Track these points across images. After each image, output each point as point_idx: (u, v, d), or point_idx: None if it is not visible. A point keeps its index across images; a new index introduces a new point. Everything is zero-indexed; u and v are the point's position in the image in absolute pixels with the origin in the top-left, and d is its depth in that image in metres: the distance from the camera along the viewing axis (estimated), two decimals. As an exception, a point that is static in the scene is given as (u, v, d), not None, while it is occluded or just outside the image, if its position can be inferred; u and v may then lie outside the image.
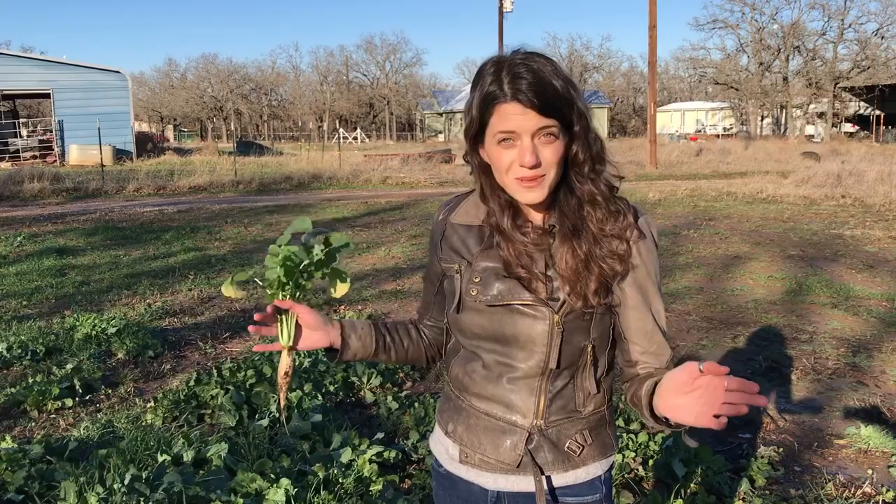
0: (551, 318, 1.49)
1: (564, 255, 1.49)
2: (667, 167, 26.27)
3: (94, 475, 3.45)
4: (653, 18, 26.01)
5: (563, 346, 1.51)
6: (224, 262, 9.96)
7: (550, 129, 1.43)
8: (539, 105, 1.41)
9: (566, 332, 1.50)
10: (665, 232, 11.97)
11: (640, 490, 3.63)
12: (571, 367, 1.54)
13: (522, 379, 1.54)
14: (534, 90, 1.41)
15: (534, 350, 1.51)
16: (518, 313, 1.51)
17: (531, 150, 1.43)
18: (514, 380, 1.55)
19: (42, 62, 34.41)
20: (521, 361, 1.53)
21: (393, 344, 1.74)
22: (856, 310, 7.11)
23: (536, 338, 1.51)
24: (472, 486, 1.64)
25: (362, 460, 3.66)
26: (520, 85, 1.41)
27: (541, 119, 1.42)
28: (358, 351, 1.69)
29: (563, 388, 1.55)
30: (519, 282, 1.51)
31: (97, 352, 5.93)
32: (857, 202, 15.59)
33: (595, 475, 1.59)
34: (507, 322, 1.52)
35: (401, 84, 78.03)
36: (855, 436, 4.27)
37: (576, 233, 1.49)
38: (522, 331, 1.51)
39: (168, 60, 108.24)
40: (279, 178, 22.61)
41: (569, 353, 1.52)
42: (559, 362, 1.52)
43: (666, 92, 75.30)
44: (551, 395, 1.54)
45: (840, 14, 53.00)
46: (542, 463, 1.55)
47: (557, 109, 1.42)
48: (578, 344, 1.52)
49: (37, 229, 13.30)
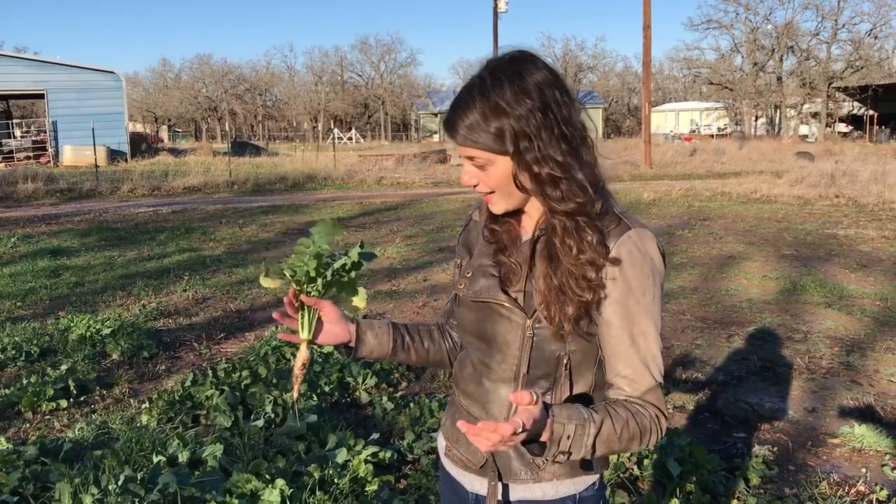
0: (524, 322, 1.48)
1: (541, 275, 1.45)
2: (661, 167, 26.32)
3: (88, 476, 3.45)
4: (647, 19, 26.06)
5: (534, 353, 1.48)
6: (219, 263, 9.94)
7: (473, 158, 1.44)
8: (454, 136, 1.44)
9: (538, 338, 1.47)
10: (660, 232, 11.99)
11: (636, 489, 3.63)
12: (548, 378, 1.50)
13: (499, 382, 1.54)
14: (450, 120, 1.44)
15: (507, 353, 1.51)
16: (497, 314, 1.51)
17: (465, 172, 1.48)
18: (492, 382, 1.55)
19: (36, 62, 34.32)
20: (497, 364, 1.53)
21: (412, 344, 1.74)
22: (849, 309, 7.14)
23: (511, 341, 1.50)
24: (461, 486, 1.65)
25: (358, 461, 3.67)
26: (447, 115, 1.46)
27: (461, 149, 1.44)
28: (374, 349, 1.69)
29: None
30: (498, 281, 1.52)
31: (92, 353, 5.91)
32: (851, 202, 15.64)
33: (566, 494, 1.53)
34: (488, 321, 1.53)
35: (395, 84, 77.99)
36: (849, 435, 4.29)
37: (551, 259, 1.45)
38: (500, 332, 1.51)
39: (162, 61, 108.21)
40: (274, 178, 22.59)
41: (541, 361, 1.48)
42: (529, 369, 1.49)
43: (660, 92, 75.41)
44: None
45: (834, 14, 53.21)
46: (502, 468, 1.54)
47: (475, 141, 1.41)
48: (552, 353, 1.47)
49: (31, 230, 13.27)
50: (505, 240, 1.55)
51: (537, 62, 1.43)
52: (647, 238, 1.45)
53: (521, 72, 1.41)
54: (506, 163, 1.42)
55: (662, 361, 1.47)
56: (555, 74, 1.44)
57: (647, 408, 1.44)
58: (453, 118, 1.43)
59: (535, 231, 1.50)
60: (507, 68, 1.41)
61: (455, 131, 1.43)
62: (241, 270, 9.41)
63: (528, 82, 1.40)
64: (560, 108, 1.41)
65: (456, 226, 12.74)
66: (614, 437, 1.40)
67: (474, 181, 1.47)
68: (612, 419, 1.40)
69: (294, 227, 13.56)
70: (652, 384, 1.45)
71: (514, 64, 1.42)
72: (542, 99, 1.39)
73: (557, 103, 1.41)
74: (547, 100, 1.39)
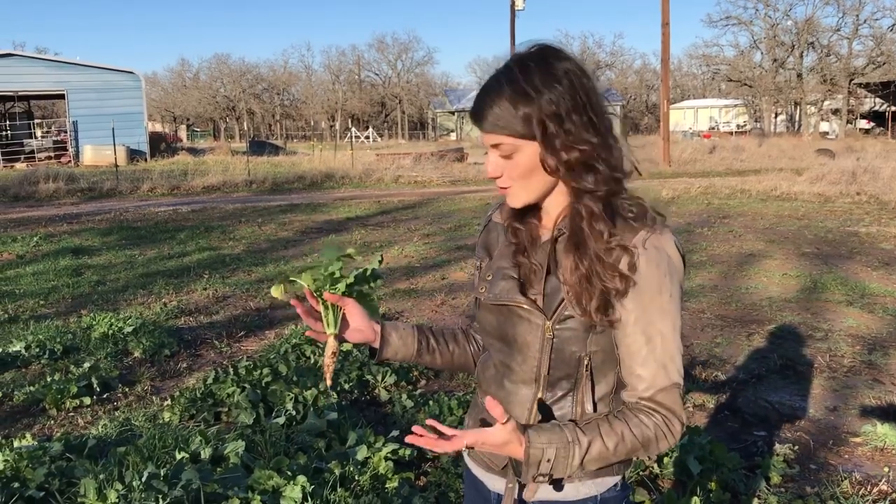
0: (544, 324, 1.47)
1: (568, 267, 1.45)
2: (680, 165, 26.18)
3: (113, 472, 3.49)
4: (665, 16, 25.92)
5: (555, 354, 1.48)
6: (238, 262, 10.01)
7: (499, 145, 1.44)
8: (480, 123, 1.44)
9: (558, 339, 1.47)
10: (679, 230, 11.94)
11: (656, 488, 3.63)
12: (569, 379, 1.49)
13: (520, 384, 1.53)
14: (477, 108, 1.45)
15: (528, 354, 1.51)
16: (517, 315, 1.51)
17: (490, 163, 1.48)
18: (513, 383, 1.55)
19: (56, 63, 34.67)
20: (518, 365, 1.53)
21: (437, 347, 1.75)
22: (871, 307, 7.08)
23: (531, 342, 1.50)
24: (484, 486, 1.66)
25: (378, 458, 3.68)
26: (474, 105, 1.46)
27: (488, 136, 1.44)
28: (399, 350, 1.70)
29: (560, 398, 1.50)
30: (517, 283, 1.52)
31: (114, 351, 5.98)
32: (873, 199, 15.49)
33: (588, 495, 1.53)
34: (509, 323, 1.53)
35: (412, 83, 77.97)
36: (871, 434, 4.26)
37: (577, 247, 1.43)
38: (520, 333, 1.51)
39: (181, 60, 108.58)
40: (292, 177, 22.68)
41: (561, 363, 1.48)
42: (550, 370, 1.49)
43: (679, 89, 74.97)
44: (548, 403, 1.51)
45: (855, 10, 52.64)
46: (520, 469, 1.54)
47: (502, 127, 1.41)
48: (573, 355, 1.47)
49: (52, 229, 13.41)
50: (525, 240, 1.55)
51: (563, 52, 1.45)
52: (665, 235, 1.45)
53: (548, 59, 1.43)
54: (533, 149, 1.42)
55: (681, 362, 1.45)
56: (580, 65, 1.45)
57: (655, 413, 1.43)
58: (480, 105, 1.44)
59: (554, 230, 1.50)
60: (534, 57, 1.43)
61: (482, 118, 1.43)
62: (260, 269, 9.47)
63: (556, 69, 1.41)
64: (588, 95, 1.42)
65: (474, 224, 12.75)
66: (608, 453, 1.41)
67: (498, 172, 1.47)
68: (604, 437, 1.41)
69: (312, 225, 13.62)
70: (666, 385, 1.42)
71: (540, 54, 1.44)
72: (571, 85, 1.40)
73: (585, 90, 1.42)
74: (575, 86, 1.41)
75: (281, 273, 9.14)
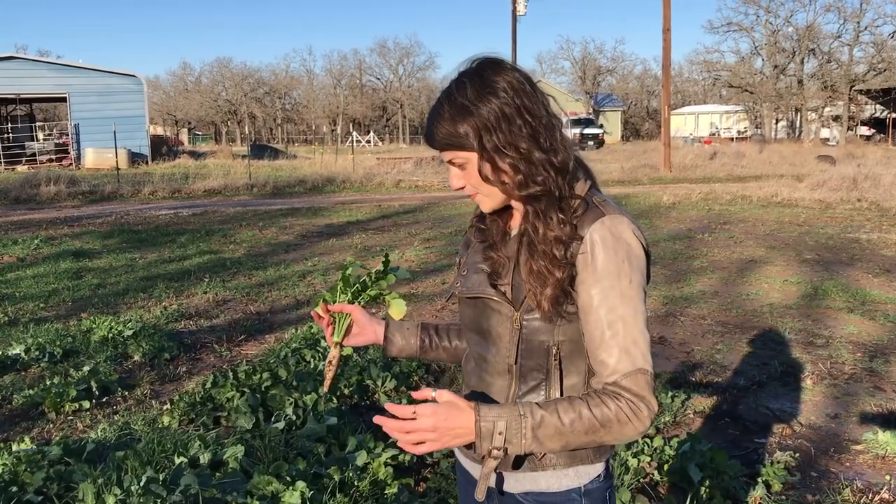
0: (512, 315, 1.53)
1: (523, 265, 1.52)
2: (681, 170, 26.17)
3: (111, 477, 3.47)
4: (667, 21, 25.94)
5: (524, 345, 1.53)
6: (239, 265, 10.00)
7: (452, 160, 1.53)
8: (431, 143, 1.55)
9: (527, 330, 1.51)
10: (680, 236, 11.94)
11: (656, 495, 3.62)
12: (540, 370, 1.53)
13: (496, 375, 1.59)
14: (427, 129, 1.54)
15: (500, 345, 1.56)
16: (489, 307, 1.57)
17: (452, 176, 1.57)
18: (489, 375, 1.60)
19: (58, 66, 34.71)
20: (493, 357, 1.58)
21: (440, 343, 1.85)
22: (872, 314, 7.07)
23: (502, 334, 1.55)
24: (469, 474, 1.71)
25: (377, 463, 3.68)
26: (427, 123, 1.55)
27: (441, 153, 1.54)
28: (403, 348, 1.83)
29: (532, 389, 1.54)
30: (487, 276, 1.58)
31: (113, 354, 5.97)
32: (874, 206, 15.48)
33: (570, 486, 1.55)
34: (483, 315, 1.59)
35: (414, 87, 78.04)
36: (872, 441, 4.24)
37: (528, 245, 1.51)
38: (492, 325, 1.57)
39: (182, 64, 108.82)
40: (293, 181, 22.70)
41: (531, 353, 1.53)
42: (520, 360, 1.53)
43: (680, 95, 75.05)
44: (521, 394, 1.55)
45: (856, 16, 52.66)
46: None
47: (447, 144, 1.50)
48: (542, 345, 1.52)
49: (53, 232, 13.41)
50: (494, 237, 1.62)
51: (502, 63, 1.52)
52: (621, 223, 1.48)
53: (482, 73, 1.49)
54: (481, 164, 1.50)
55: (647, 348, 1.46)
56: (519, 71, 1.51)
57: (619, 397, 1.42)
58: (429, 126, 1.53)
59: (521, 226, 1.56)
60: (470, 73, 1.51)
61: (433, 139, 1.53)
62: (261, 273, 9.46)
63: (488, 81, 1.48)
64: (522, 100, 1.48)
65: (474, 229, 12.73)
66: (564, 429, 1.41)
67: (461, 183, 1.56)
68: (560, 412, 1.42)
69: (313, 229, 13.62)
70: (629, 370, 1.43)
71: (478, 69, 1.51)
72: (504, 94, 1.47)
73: (519, 95, 1.48)
74: (508, 94, 1.47)
75: (282, 277, 9.15)
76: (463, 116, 1.47)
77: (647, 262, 1.52)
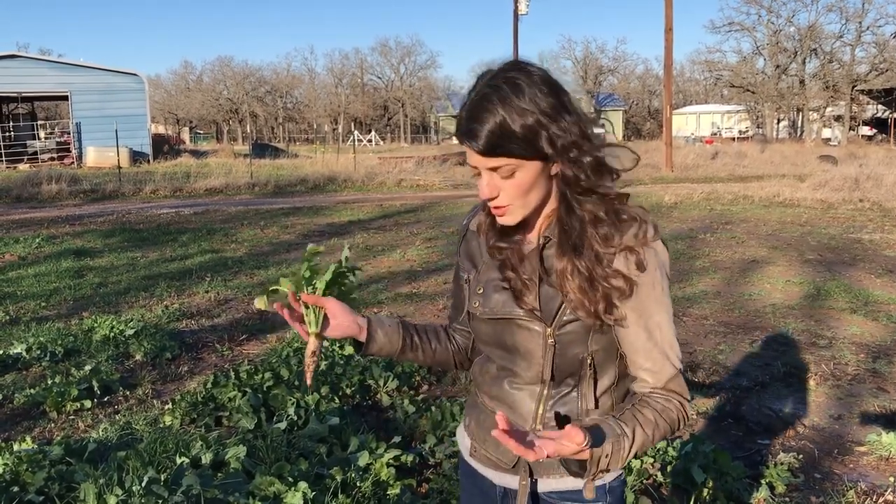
0: (544, 331, 1.50)
1: (566, 273, 1.46)
2: (683, 170, 26.15)
3: (112, 477, 3.46)
4: (669, 21, 25.93)
5: (557, 359, 1.51)
6: (240, 265, 9.99)
7: (502, 167, 1.41)
8: (481, 149, 1.40)
9: (560, 344, 1.50)
10: (682, 236, 11.92)
11: (659, 496, 3.60)
12: (573, 377, 1.53)
13: (525, 385, 1.57)
14: (474, 134, 1.39)
15: (532, 361, 1.54)
16: (515, 325, 1.53)
17: (487, 184, 1.44)
18: (517, 385, 1.58)
19: (60, 65, 34.73)
20: (523, 370, 1.56)
21: (420, 344, 1.75)
22: (875, 315, 7.05)
23: (533, 350, 1.53)
24: (484, 479, 1.70)
25: (380, 464, 3.66)
26: (465, 126, 1.41)
27: (488, 160, 1.41)
28: (384, 346, 1.70)
29: (565, 395, 1.54)
30: (512, 294, 1.53)
31: (115, 353, 5.96)
32: (876, 206, 15.46)
33: (596, 484, 1.55)
34: (507, 333, 1.55)
35: (415, 86, 77.99)
36: (876, 443, 4.23)
37: (577, 251, 1.45)
38: (521, 342, 1.54)
39: (184, 63, 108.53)
40: (294, 180, 22.69)
41: (565, 365, 1.52)
42: (553, 374, 1.52)
43: (681, 95, 75.00)
44: (553, 401, 1.55)
45: (858, 16, 52.60)
46: (533, 465, 1.59)
47: (506, 149, 1.39)
48: (576, 356, 1.51)
49: (55, 231, 13.40)
50: (509, 255, 1.55)
51: (535, 64, 1.46)
52: (652, 231, 1.48)
53: (529, 73, 1.42)
54: (535, 166, 1.42)
55: (679, 349, 1.51)
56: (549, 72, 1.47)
57: (671, 398, 1.49)
58: (475, 127, 1.39)
59: (539, 238, 1.52)
60: (513, 73, 1.42)
61: (478, 141, 1.40)
62: (262, 272, 9.45)
63: (539, 82, 1.41)
64: (574, 104, 1.45)
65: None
66: (648, 441, 1.45)
67: (495, 192, 1.45)
68: (643, 426, 1.44)
69: (315, 228, 13.61)
70: (673, 373, 1.49)
71: (517, 69, 1.43)
72: (559, 95, 1.42)
73: (570, 99, 1.45)
74: (562, 96, 1.43)
75: (283, 276, 9.11)
76: (524, 117, 1.37)
77: None
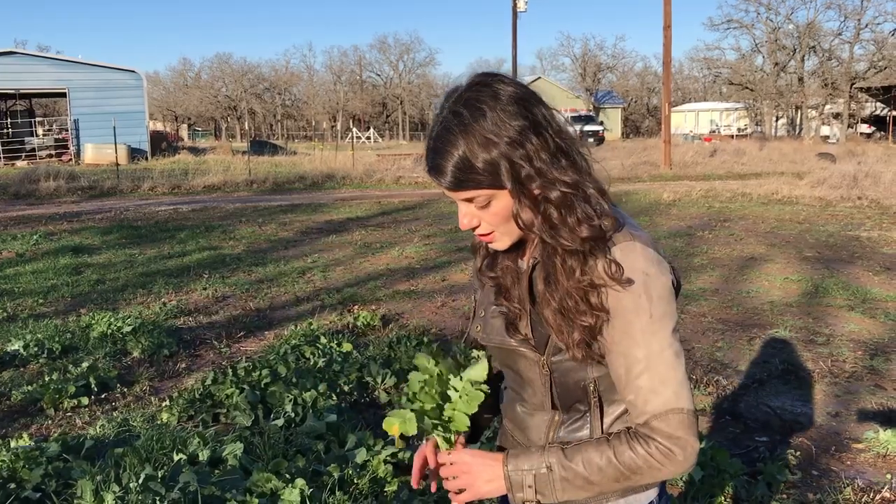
0: (539, 360, 1.44)
1: (542, 303, 1.38)
2: (681, 168, 26.14)
3: (110, 474, 3.46)
4: (667, 18, 25.90)
5: (558, 387, 1.44)
6: (239, 262, 9.99)
7: (473, 199, 1.34)
8: (448, 186, 1.32)
9: (557, 373, 1.43)
10: (680, 233, 11.92)
11: (657, 493, 3.60)
12: (582, 402, 1.44)
13: (534, 411, 1.52)
14: (440, 170, 1.31)
15: (535, 388, 1.49)
16: (515, 353, 1.48)
17: (465, 215, 1.38)
18: (527, 410, 1.54)
19: (58, 62, 34.67)
20: (530, 396, 1.52)
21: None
22: (873, 312, 7.05)
23: (534, 378, 1.47)
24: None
25: (377, 461, 3.66)
26: (431, 162, 1.33)
27: (459, 193, 1.34)
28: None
29: (577, 419, 1.46)
30: (504, 322, 1.47)
31: (113, 350, 5.95)
32: (874, 204, 15.46)
33: None
34: (510, 359, 1.51)
35: (414, 84, 77.91)
36: (873, 440, 4.23)
37: (547, 280, 1.36)
38: (522, 369, 1.49)
39: (182, 60, 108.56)
40: (293, 177, 22.67)
41: (567, 393, 1.44)
42: (553, 402, 1.46)
43: (680, 92, 74.92)
44: (563, 428, 1.47)
45: (856, 14, 52.55)
46: None
47: (473, 182, 1.30)
48: (577, 384, 1.42)
49: (53, 228, 13.39)
50: (502, 278, 1.49)
51: (503, 78, 1.32)
52: (633, 251, 1.34)
53: (495, 93, 1.29)
54: (507, 194, 1.33)
55: (680, 385, 1.32)
56: (525, 87, 1.34)
57: (650, 441, 1.31)
58: (440, 163, 1.31)
59: (529, 259, 1.43)
60: (478, 94, 1.30)
61: (444, 176, 1.31)
62: (260, 269, 9.44)
63: (506, 102, 1.29)
64: (548, 120, 1.32)
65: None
66: (594, 479, 1.34)
67: (475, 222, 1.38)
68: (587, 463, 1.34)
69: (313, 225, 13.60)
70: (659, 410, 1.30)
71: (483, 88, 1.31)
72: (529, 115, 1.30)
73: (544, 115, 1.32)
74: (534, 114, 1.30)
75: (281, 274, 9.12)
76: (487, 149, 1.27)
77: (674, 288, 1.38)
